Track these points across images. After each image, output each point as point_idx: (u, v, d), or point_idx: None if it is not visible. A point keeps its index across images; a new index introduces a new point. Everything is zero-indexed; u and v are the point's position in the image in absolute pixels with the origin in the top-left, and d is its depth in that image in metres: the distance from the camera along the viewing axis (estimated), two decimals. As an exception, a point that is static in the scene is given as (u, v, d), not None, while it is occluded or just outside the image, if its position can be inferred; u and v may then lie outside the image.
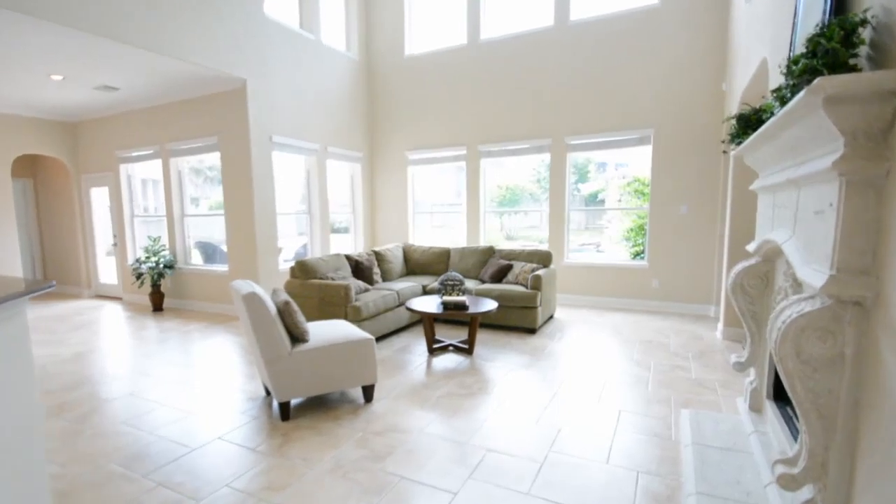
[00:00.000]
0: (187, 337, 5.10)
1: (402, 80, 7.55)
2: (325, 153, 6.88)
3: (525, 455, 2.49)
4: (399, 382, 3.60)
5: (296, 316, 2.94)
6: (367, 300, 4.50)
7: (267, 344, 2.85)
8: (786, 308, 1.50)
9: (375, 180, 8.03)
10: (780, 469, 1.55)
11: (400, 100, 7.62)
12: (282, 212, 6.40)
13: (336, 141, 7.12)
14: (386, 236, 7.97)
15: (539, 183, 7.23)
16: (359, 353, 3.10)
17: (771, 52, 2.91)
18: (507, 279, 5.47)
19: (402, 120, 7.63)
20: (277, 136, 6.02)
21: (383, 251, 5.95)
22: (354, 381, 3.12)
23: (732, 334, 4.62)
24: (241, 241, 5.88)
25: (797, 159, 1.76)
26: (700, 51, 5.57)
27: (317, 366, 2.96)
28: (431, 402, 3.23)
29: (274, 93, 5.99)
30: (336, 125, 7.12)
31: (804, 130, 1.50)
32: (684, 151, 5.74)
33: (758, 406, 2.59)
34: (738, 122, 2.42)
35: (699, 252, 5.76)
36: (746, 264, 2.52)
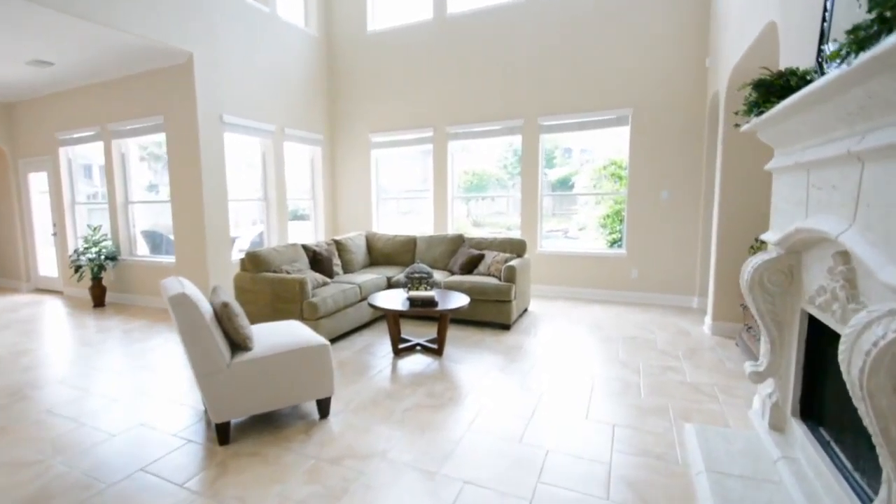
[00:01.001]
0: (127, 337, 4.44)
1: (365, 57, 6.88)
2: (282, 135, 6.20)
3: (509, 489, 2.02)
4: (360, 391, 3.07)
5: (236, 320, 2.39)
6: (326, 295, 3.94)
7: (200, 355, 2.27)
8: (872, 324, 1.08)
9: (337, 164, 7.37)
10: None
11: (362, 79, 6.95)
12: (235, 198, 5.73)
13: (294, 122, 6.43)
14: (348, 224, 7.34)
15: (506, 168, 6.77)
16: (312, 361, 2.55)
17: (783, 15, 2.49)
18: (479, 270, 5.00)
19: (364, 100, 6.98)
20: (229, 116, 5.34)
21: (344, 240, 5.37)
22: (307, 395, 2.58)
23: (722, 329, 4.30)
24: (189, 231, 5.21)
25: (863, 125, 1.33)
26: (681, 25, 5.17)
27: (262, 379, 2.41)
28: (396, 416, 2.72)
29: (224, 69, 5.28)
30: (294, 105, 6.43)
31: None
32: (665, 133, 5.36)
33: (779, 424, 2.20)
34: (758, 88, 1.99)
35: (681, 240, 5.44)
36: (766, 258, 2.11)
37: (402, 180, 7.41)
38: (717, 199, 4.27)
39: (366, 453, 2.32)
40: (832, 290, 1.60)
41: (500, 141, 6.43)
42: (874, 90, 1.16)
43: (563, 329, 4.54)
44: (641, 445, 2.40)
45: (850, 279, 1.52)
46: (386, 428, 2.59)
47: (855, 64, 1.09)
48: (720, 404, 2.90)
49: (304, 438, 2.46)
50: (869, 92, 1.18)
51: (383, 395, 3.01)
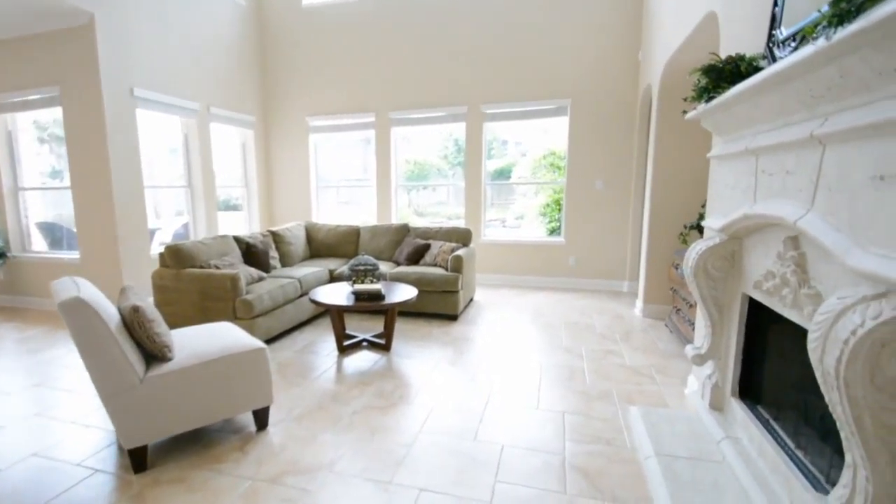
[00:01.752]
0: (21, 348, 3.77)
1: (300, 33, 6.35)
2: (208, 114, 5.59)
3: (467, 493, 1.89)
4: (303, 395, 2.80)
5: (150, 327, 2.03)
6: (261, 292, 3.58)
7: (104, 372, 1.89)
8: (847, 311, 1.03)
9: (272, 150, 6.81)
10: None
11: (298, 57, 6.43)
12: (153, 185, 5.11)
13: (221, 101, 5.82)
14: (286, 215, 6.84)
15: (446, 158, 6.63)
16: (247, 367, 2.24)
17: (724, 5, 2.52)
18: (425, 260, 4.84)
19: (301, 81, 6.47)
20: (141, 90, 4.68)
21: (282, 231, 4.96)
22: (242, 406, 2.27)
23: (652, 311, 4.47)
24: (95, 222, 4.53)
25: (826, 108, 1.30)
26: (615, 18, 5.25)
27: (186, 392, 2.07)
28: (344, 421, 2.49)
29: (134, 34, 4.60)
30: (221, 82, 5.80)
31: (879, 56, 1.02)
32: (600, 124, 5.46)
33: (719, 404, 2.25)
34: (708, 74, 1.97)
35: (613, 228, 5.60)
36: (710, 244, 2.12)
37: (343, 168, 7.00)
38: (649, 190, 4.39)
39: (311, 467, 2.09)
40: (782, 275, 1.60)
41: (443, 128, 6.26)
42: (850, 68, 1.11)
43: (508, 317, 4.51)
44: (591, 432, 2.38)
45: (800, 264, 1.52)
46: (333, 435, 2.36)
47: (839, 35, 1.03)
48: (658, 385, 2.97)
49: (238, 457, 2.17)
50: (842, 70, 1.14)
51: (329, 399, 2.76)
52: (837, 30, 1.03)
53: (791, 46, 1.56)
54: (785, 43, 1.60)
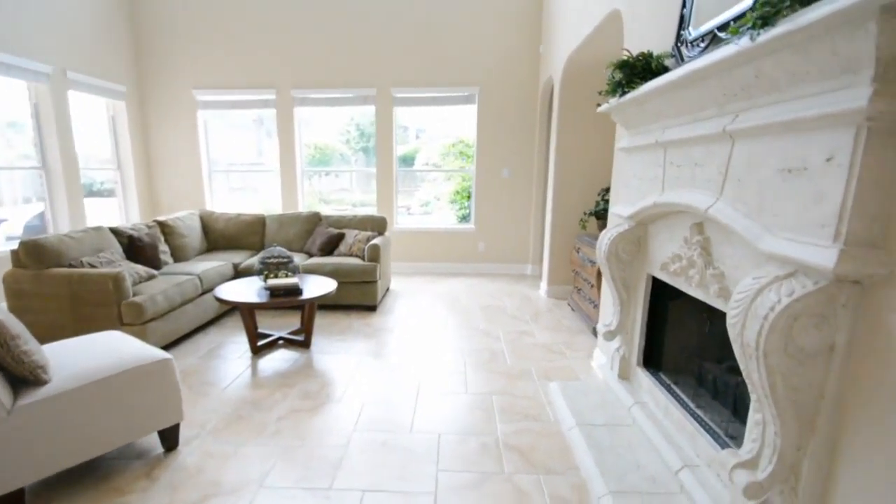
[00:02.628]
0: None
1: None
2: (64, 80, 4.58)
3: (412, 487, 1.84)
4: (216, 406, 2.48)
5: (16, 345, 1.59)
6: (154, 292, 3.09)
7: None
8: (764, 290, 1.15)
9: (151, 126, 5.84)
10: (742, 476, 1.25)
11: (180, 18, 5.54)
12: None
13: (81, 65, 4.81)
14: (173, 203, 5.99)
15: (349, 143, 6.33)
16: (149, 382, 1.91)
17: (628, 4, 2.67)
18: (340, 251, 4.59)
19: (184, 48, 5.61)
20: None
21: (172, 222, 4.34)
22: (145, 427, 1.93)
23: (555, 292, 4.76)
24: None
25: (736, 105, 1.43)
26: (517, 12, 5.38)
27: (70, 421, 1.68)
28: (269, 429, 2.26)
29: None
30: (81, 42, 4.81)
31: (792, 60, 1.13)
32: (505, 113, 5.60)
33: (627, 374, 2.46)
34: (622, 69, 2.08)
35: (518, 215, 5.84)
36: (620, 230, 2.28)
37: (234, 151, 6.26)
38: (552, 179, 4.63)
39: (237, 485, 1.86)
40: (689, 257, 1.76)
41: (345, 111, 5.96)
42: (765, 69, 1.22)
43: (426, 305, 4.49)
44: (519, 411, 2.46)
45: (705, 247, 1.68)
46: (258, 447, 2.12)
47: (764, 37, 1.12)
48: (568, 360, 3.17)
49: (145, 485, 1.84)
50: (758, 71, 1.24)
51: (248, 406, 2.49)
52: (761, 32, 1.12)
53: (700, 47, 1.69)
54: (694, 43, 1.73)
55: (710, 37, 1.64)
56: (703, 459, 1.72)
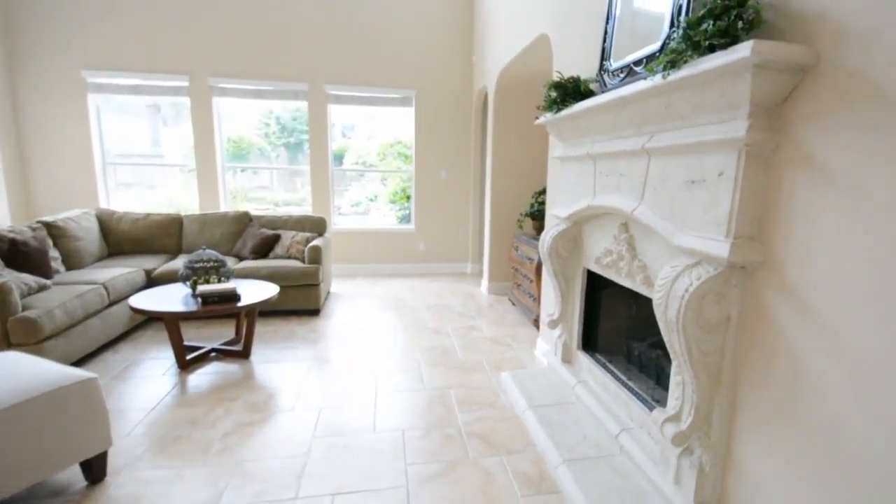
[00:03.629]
0: None
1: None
2: None
3: (382, 484, 1.89)
4: (145, 430, 2.28)
5: None
6: (50, 305, 2.75)
7: None
8: (680, 276, 1.46)
9: (25, 111, 5.05)
10: (670, 428, 1.56)
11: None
12: None
13: None
14: (54, 200, 5.22)
15: (268, 137, 6.05)
16: (69, 407, 1.72)
17: (555, 32, 3.02)
18: (276, 253, 4.49)
19: (70, 19, 4.90)
20: None
21: (63, 223, 3.85)
22: (65, 459, 1.73)
23: (496, 288, 5.08)
24: None
25: (651, 127, 1.76)
26: (450, 20, 5.59)
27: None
28: (215, 447, 2.14)
29: None
30: None
31: (693, 97, 1.45)
32: (442, 117, 5.78)
33: (568, 358, 2.77)
34: (557, 89, 2.38)
35: (457, 215, 6.09)
36: (560, 229, 2.58)
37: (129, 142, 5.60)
38: (489, 182, 4.94)
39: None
40: (619, 251, 2.08)
41: (270, 104, 5.73)
42: (673, 101, 1.54)
43: (372, 306, 4.55)
44: (476, 401, 2.66)
45: (630, 244, 2.01)
46: (206, 467, 2.00)
47: (672, 77, 1.43)
48: (514, 350, 3.46)
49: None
50: (668, 102, 1.57)
51: (186, 425, 2.33)
52: (670, 72, 1.44)
53: (620, 77, 2.02)
54: (614, 73, 2.07)
55: (627, 69, 1.97)
56: (636, 423, 2.05)
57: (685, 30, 1.39)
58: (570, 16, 2.75)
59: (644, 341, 2.23)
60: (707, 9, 1.35)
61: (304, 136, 5.89)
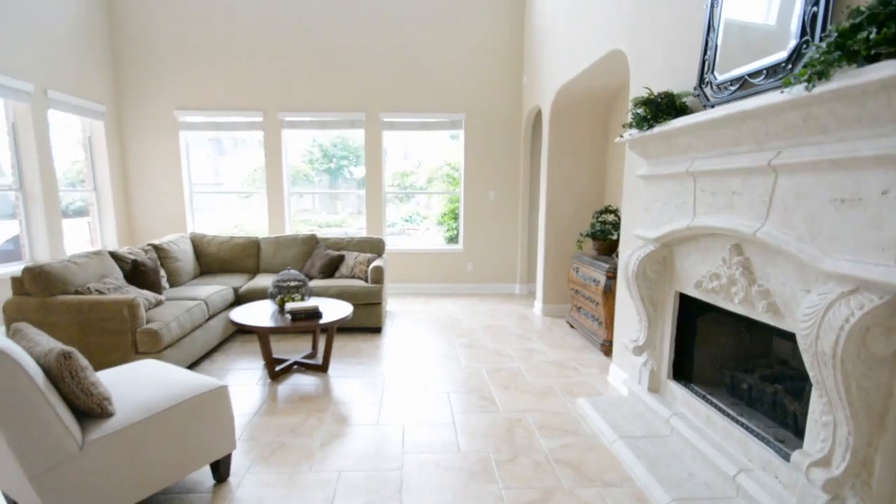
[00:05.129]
0: None
1: (165, 12, 5.39)
2: (45, 99, 4.36)
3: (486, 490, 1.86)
4: (253, 434, 2.40)
5: (85, 377, 1.50)
6: (167, 319, 2.95)
7: (30, 445, 1.35)
8: (835, 305, 1.32)
9: (129, 147, 5.63)
10: (818, 474, 1.39)
11: (163, 40, 5.44)
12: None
13: (62, 83, 4.61)
14: (153, 225, 5.74)
15: (311, 164, 6.36)
16: (207, 412, 1.84)
17: (630, 45, 2.93)
18: (341, 272, 4.56)
19: (168, 67, 5.49)
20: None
21: (167, 246, 4.17)
22: (202, 459, 1.85)
23: (551, 311, 4.94)
24: None
25: (778, 143, 1.63)
26: (499, 44, 5.66)
27: (136, 455, 1.60)
28: (317, 455, 2.21)
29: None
30: (62, 61, 4.62)
31: (846, 109, 1.32)
32: (491, 138, 5.82)
33: (656, 387, 2.61)
34: (649, 106, 2.29)
35: (505, 235, 6.02)
36: (647, 251, 2.46)
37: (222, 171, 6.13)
38: (544, 203, 4.85)
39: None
40: (730, 276, 1.94)
41: (307, 133, 6.00)
42: (815, 115, 1.42)
43: (429, 325, 4.52)
44: (555, 426, 2.55)
45: (747, 267, 1.86)
46: (313, 473, 2.08)
47: (820, 89, 1.31)
48: (583, 376, 3.31)
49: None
50: (807, 116, 1.44)
51: (287, 433, 2.42)
52: (816, 84, 1.32)
53: (729, 90, 1.91)
54: (721, 86, 1.96)
55: (740, 81, 1.86)
56: (756, 463, 1.86)
57: (836, 38, 1.28)
58: (651, 30, 2.68)
59: (753, 373, 2.05)
60: (866, 15, 1.24)
61: (343, 162, 6.22)
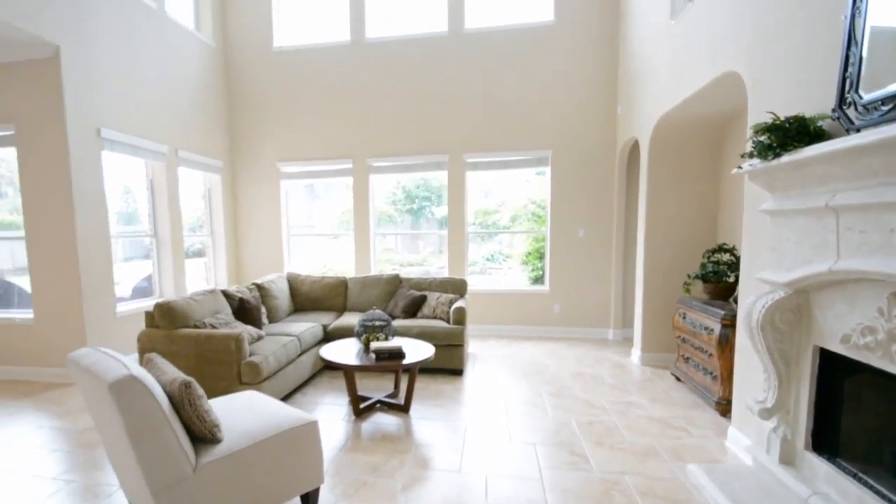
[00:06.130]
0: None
1: (271, 76, 6.18)
2: (176, 158, 5.18)
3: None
4: (338, 469, 2.46)
5: (200, 405, 1.66)
6: (266, 352, 3.21)
7: (155, 463, 1.53)
8: None
9: (239, 195, 6.42)
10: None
11: (269, 100, 6.22)
12: (120, 234, 4.56)
13: (189, 144, 5.45)
14: (255, 264, 6.40)
15: (395, 205, 6.64)
16: (298, 445, 1.93)
17: (747, 66, 2.72)
18: (423, 313, 4.63)
19: (272, 125, 6.24)
20: (109, 131, 4.24)
21: (267, 285, 4.58)
22: (293, 490, 1.92)
23: (651, 360, 4.53)
24: (54, 275, 3.88)
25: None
26: (593, 73, 5.55)
27: (238, 480, 1.72)
28: (399, 499, 2.19)
29: (100, 70, 4.21)
30: (189, 125, 5.47)
31: None
32: (580, 174, 5.66)
33: (790, 458, 2.24)
34: (775, 132, 2.08)
35: (596, 276, 5.72)
36: (775, 298, 2.17)
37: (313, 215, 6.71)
38: (642, 241, 4.55)
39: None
40: (890, 330, 1.63)
41: (424, 175, 6.28)
42: None
43: (513, 370, 4.38)
44: (661, 495, 2.28)
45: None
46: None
47: None
48: (694, 438, 2.94)
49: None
50: None
51: (369, 472, 2.45)
52: None
53: (881, 111, 1.67)
54: (869, 107, 1.72)
55: (894, 100, 1.63)
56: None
57: None
58: (773, 48, 2.47)
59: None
60: None
61: (424, 203, 6.49)
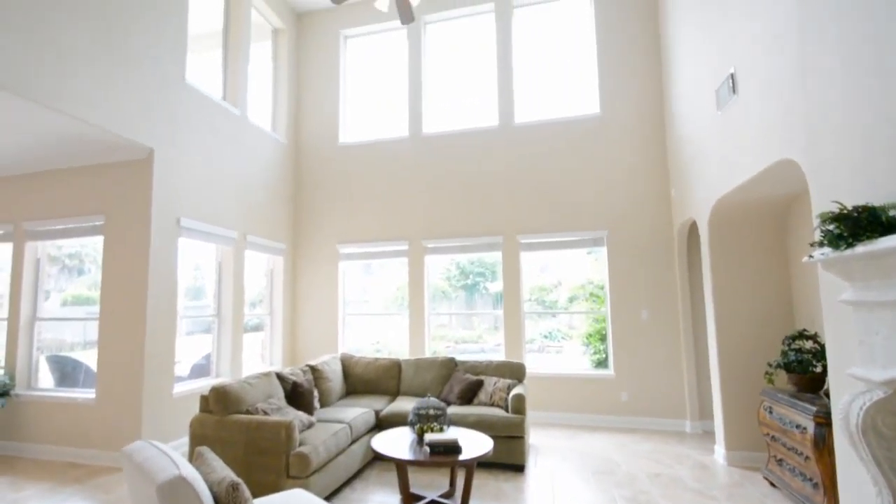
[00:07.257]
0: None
1: (335, 168, 6.82)
2: (244, 243, 5.69)
3: None
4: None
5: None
6: (316, 442, 3.20)
7: None
8: None
9: (299, 275, 6.83)
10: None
11: (332, 189, 6.80)
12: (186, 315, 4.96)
13: (257, 229, 5.99)
14: (310, 340, 6.62)
15: (449, 281, 6.74)
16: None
17: (805, 153, 2.70)
18: (479, 399, 4.49)
19: (333, 210, 6.76)
20: (187, 220, 4.79)
21: (321, 367, 4.69)
22: None
23: (739, 459, 4.08)
24: (120, 354, 4.24)
25: None
26: (642, 158, 5.70)
27: None
28: None
29: (185, 168, 4.86)
30: (258, 212, 6.04)
31: None
32: (639, 255, 5.61)
33: None
34: (844, 222, 2.00)
35: (666, 361, 5.39)
36: (875, 398, 1.96)
37: (368, 295, 6.97)
38: (713, 326, 4.32)
39: None
40: None
41: (478, 256, 6.45)
42: None
43: (579, 467, 4.08)
44: None
45: None
46: None
47: None
48: (801, 564, 2.53)
49: None
50: None
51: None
52: None
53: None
54: None
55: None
56: None
57: None
58: (833, 133, 2.44)
59: None
60: None
61: (479, 279, 6.57)
